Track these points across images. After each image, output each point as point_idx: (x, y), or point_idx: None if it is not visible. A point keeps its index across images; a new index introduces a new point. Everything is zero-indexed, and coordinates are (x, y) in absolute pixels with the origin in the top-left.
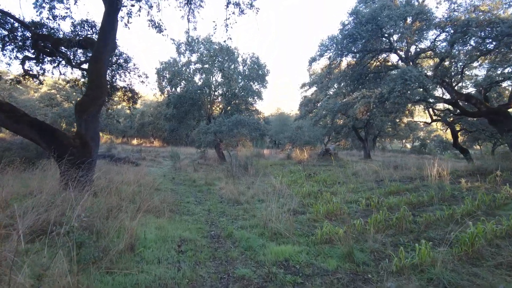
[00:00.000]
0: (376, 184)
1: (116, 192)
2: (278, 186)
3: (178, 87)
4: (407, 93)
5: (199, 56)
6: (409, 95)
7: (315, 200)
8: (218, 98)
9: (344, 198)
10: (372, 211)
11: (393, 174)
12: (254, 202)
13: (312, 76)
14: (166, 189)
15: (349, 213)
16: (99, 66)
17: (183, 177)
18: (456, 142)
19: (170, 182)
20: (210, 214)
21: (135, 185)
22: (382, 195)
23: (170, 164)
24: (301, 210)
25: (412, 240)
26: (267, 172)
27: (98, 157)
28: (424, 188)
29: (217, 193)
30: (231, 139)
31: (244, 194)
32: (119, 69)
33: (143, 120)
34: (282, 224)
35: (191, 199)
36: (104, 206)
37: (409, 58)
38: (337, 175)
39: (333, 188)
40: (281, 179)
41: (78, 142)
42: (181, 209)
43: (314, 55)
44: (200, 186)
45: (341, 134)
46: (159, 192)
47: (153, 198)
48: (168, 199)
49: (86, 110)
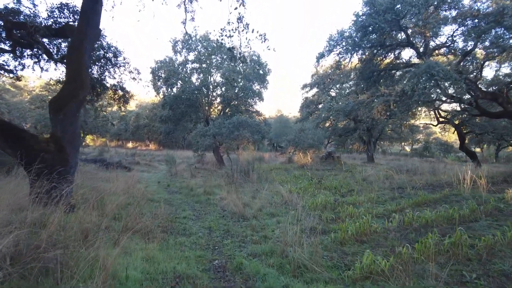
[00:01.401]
0: (397, 193)
1: (100, 205)
2: (287, 196)
3: (174, 87)
4: (434, 90)
5: (196, 55)
6: (436, 92)
7: (333, 213)
8: (216, 99)
9: (368, 211)
10: (408, 229)
11: (410, 180)
12: (263, 217)
13: (314, 76)
14: (160, 199)
15: (381, 231)
16: (79, 55)
17: (179, 184)
18: (463, 145)
19: (164, 190)
20: (212, 233)
21: (124, 195)
22: (410, 207)
23: (165, 169)
24: (322, 228)
25: (482, 275)
26: (270, 177)
27: (88, 161)
28: (456, 198)
29: (218, 205)
30: (231, 142)
31: (250, 205)
32: (107, 64)
33: (138, 123)
34: (305, 250)
35: (188, 212)
36: (79, 227)
37: (427, 53)
38: (347, 181)
39: (350, 198)
40: (290, 187)
41: (53, 146)
42: (177, 227)
43: (323, 51)
44: (199, 196)
45: (354, 136)
46: (151, 204)
47: (144, 212)
48: (161, 213)
49: (63, 108)
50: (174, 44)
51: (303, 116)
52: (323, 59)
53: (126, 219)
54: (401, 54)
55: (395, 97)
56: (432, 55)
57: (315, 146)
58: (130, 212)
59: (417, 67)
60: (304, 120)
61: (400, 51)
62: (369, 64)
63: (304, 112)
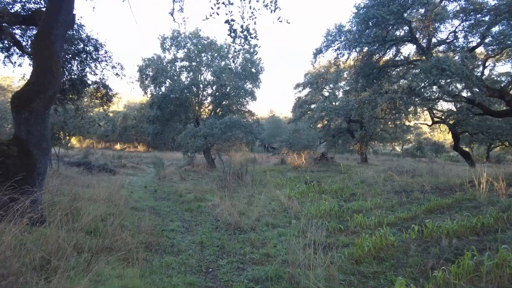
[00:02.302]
0: (404, 197)
1: (75, 216)
2: (286, 202)
3: (163, 86)
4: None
5: (186, 52)
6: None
7: (339, 221)
8: (207, 98)
9: (378, 220)
10: (428, 241)
11: (412, 183)
12: (262, 228)
13: (307, 76)
14: (145, 208)
15: (398, 245)
16: (48, 43)
17: (167, 188)
18: (457, 145)
19: (151, 196)
20: (204, 250)
21: (104, 203)
22: (423, 214)
23: (153, 172)
24: (331, 241)
25: None
26: (265, 179)
27: (71, 165)
28: (471, 203)
29: (210, 213)
30: (223, 143)
31: (246, 214)
32: (88, 59)
33: (125, 124)
34: (318, 273)
35: (176, 224)
36: (43, 247)
37: (430, 48)
38: (347, 183)
39: (355, 204)
40: (288, 192)
41: (15, 150)
42: (163, 242)
43: (320, 46)
44: (189, 203)
45: (356, 138)
46: (135, 214)
47: (125, 225)
48: (145, 226)
49: (28, 104)
50: (162, 41)
51: (296, 116)
52: (320, 55)
53: (103, 235)
54: (400, 50)
55: (401, 94)
56: (431, 52)
57: (310, 147)
58: (109, 225)
59: (424, 62)
60: (297, 120)
61: (401, 47)
62: (369, 60)
63: (297, 112)
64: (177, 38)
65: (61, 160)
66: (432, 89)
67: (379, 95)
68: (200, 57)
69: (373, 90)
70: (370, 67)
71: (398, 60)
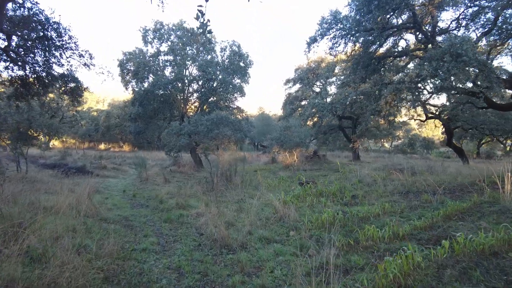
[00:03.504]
0: (414, 200)
1: (19, 235)
2: (281, 208)
3: (146, 81)
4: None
5: (170, 45)
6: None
7: (345, 232)
8: (193, 94)
9: (392, 230)
10: (463, 261)
11: (416, 182)
12: (255, 245)
13: (298, 71)
14: (117, 218)
15: (426, 266)
16: None
17: (148, 192)
18: (451, 141)
19: (128, 202)
20: (182, 280)
21: (69, 214)
22: (441, 221)
23: (136, 174)
24: (342, 262)
25: None
26: (255, 180)
27: (45, 167)
28: (493, 207)
29: (193, 225)
30: (210, 142)
31: (235, 225)
32: (51, 47)
33: (108, 122)
34: None
35: (151, 240)
36: None
37: (435, 36)
38: (344, 184)
39: (359, 208)
40: (282, 196)
41: None
42: (129, 269)
43: (314, 35)
44: (169, 210)
45: (357, 133)
46: (103, 227)
47: (85, 245)
48: (111, 245)
49: None
50: (144, 34)
51: (287, 113)
52: (315, 44)
53: (47, 264)
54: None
55: (409, 83)
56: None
57: (302, 145)
58: (61, 248)
59: (434, 48)
60: (288, 117)
61: (402, 35)
62: (368, 50)
63: (287, 109)
64: (160, 30)
65: (36, 162)
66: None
67: (383, 86)
68: (185, 50)
69: (374, 81)
70: (369, 57)
71: (402, 49)
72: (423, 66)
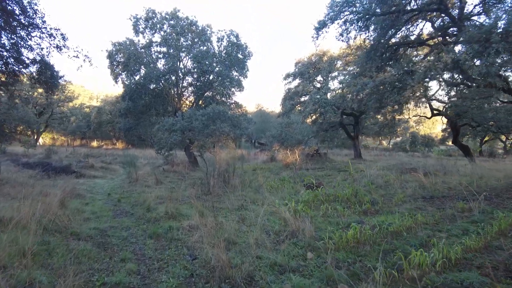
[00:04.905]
0: (448, 208)
1: None
2: (292, 221)
3: (137, 74)
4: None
5: (163, 36)
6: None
7: (380, 255)
8: (187, 88)
9: (441, 253)
10: None
11: (436, 184)
12: (266, 274)
13: (298, 65)
14: (92, 233)
15: None
16: None
17: (136, 196)
18: (457, 138)
19: (110, 210)
20: None
21: (30, 228)
22: (497, 239)
23: (126, 173)
24: None
25: None
26: (255, 181)
27: (26, 166)
28: None
29: (184, 242)
30: (205, 139)
31: (237, 243)
32: (16, 26)
33: (100, 119)
34: None
35: (128, 266)
36: None
37: (462, 19)
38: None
39: (384, 220)
40: (293, 204)
41: None
42: None
43: (324, 19)
44: (157, 221)
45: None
46: (70, 248)
47: (38, 281)
48: (71, 280)
49: None
50: (135, 23)
51: (286, 109)
52: (324, 29)
53: None
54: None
55: (442, 69)
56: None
57: (304, 143)
58: None
59: (477, 27)
60: (288, 113)
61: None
62: (385, 36)
63: (287, 104)
64: (152, 19)
65: (16, 161)
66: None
67: (406, 73)
68: (179, 40)
69: (396, 70)
70: (384, 44)
71: (428, 34)
72: (460, 51)
